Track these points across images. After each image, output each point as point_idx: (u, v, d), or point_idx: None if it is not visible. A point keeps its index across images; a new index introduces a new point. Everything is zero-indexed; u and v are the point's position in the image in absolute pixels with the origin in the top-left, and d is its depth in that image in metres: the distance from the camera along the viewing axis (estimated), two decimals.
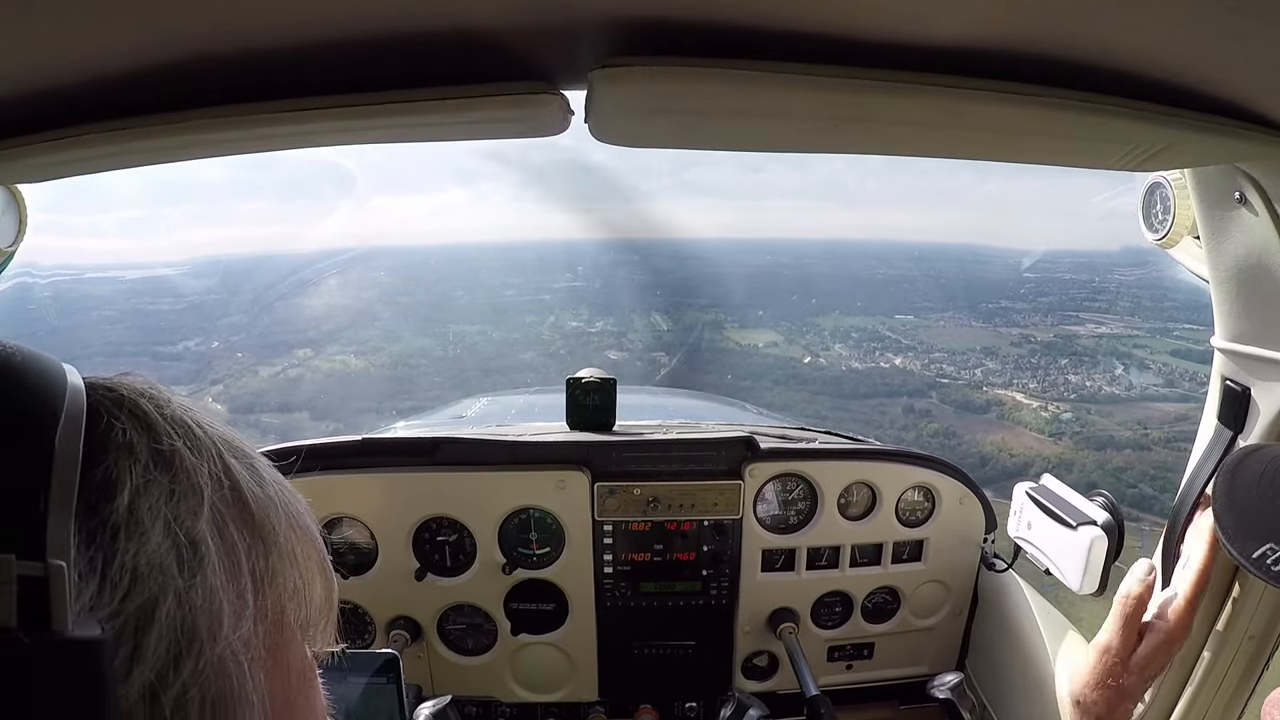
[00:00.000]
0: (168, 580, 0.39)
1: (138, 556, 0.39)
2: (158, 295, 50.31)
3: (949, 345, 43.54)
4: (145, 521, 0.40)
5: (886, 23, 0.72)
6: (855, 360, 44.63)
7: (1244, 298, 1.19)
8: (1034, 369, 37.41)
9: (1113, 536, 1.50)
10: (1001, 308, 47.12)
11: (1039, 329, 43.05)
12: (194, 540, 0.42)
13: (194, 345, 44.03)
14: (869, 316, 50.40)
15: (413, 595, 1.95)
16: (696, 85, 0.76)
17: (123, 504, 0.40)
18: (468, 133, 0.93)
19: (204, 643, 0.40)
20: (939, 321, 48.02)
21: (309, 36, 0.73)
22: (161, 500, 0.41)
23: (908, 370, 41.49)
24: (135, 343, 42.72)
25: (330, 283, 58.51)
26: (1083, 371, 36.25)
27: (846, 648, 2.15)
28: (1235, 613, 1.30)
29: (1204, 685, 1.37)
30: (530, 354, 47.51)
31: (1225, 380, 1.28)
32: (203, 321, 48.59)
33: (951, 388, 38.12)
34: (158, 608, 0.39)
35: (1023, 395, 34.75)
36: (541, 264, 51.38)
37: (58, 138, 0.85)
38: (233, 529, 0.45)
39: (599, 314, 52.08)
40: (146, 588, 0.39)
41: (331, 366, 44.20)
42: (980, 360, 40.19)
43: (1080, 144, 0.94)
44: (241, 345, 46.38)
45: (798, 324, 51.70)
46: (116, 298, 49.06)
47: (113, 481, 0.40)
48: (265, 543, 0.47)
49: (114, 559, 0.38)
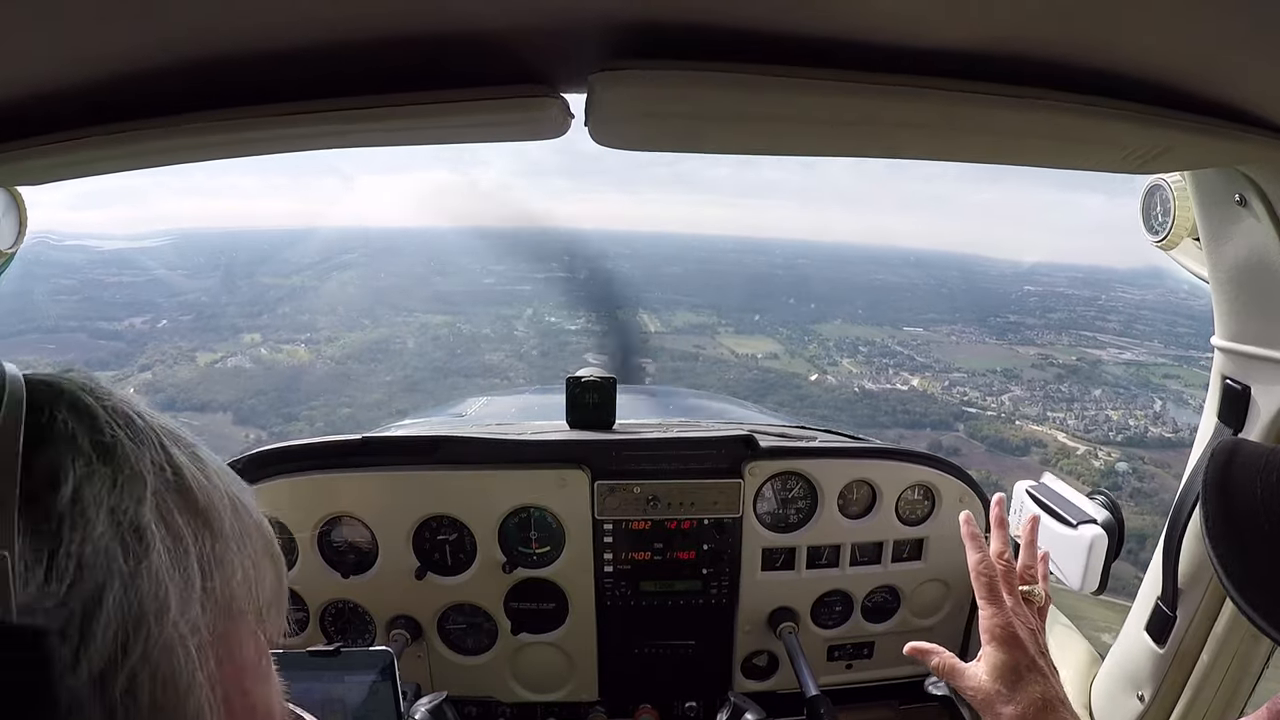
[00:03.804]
0: (113, 568, 0.40)
1: (83, 546, 0.39)
2: (124, 267, 47.99)
3: (966, 364, 40.13)
4: (89, 511, 0.40)
5: (888, 26, 0.72)
6: (868, 379, 40.68)
7: (1244, 298, 1.19)
8: (1068, 401, 34.22)
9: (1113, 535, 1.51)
10: (1011, 322, 44.40)
11: (1057, 349, 40.29)
12: (138, 528, 0.42)
13: (140, 323, 41.47)
14: (875, 327, 46.98)
15: (413, 594, 1.95)
16: (696, 89, 0.76)
17: (66, 494, 0.40)
18: (467, 136, 0.93)
19: (150, 627, 0.41)
20: (949, 335, 44.86)
21: (308, 40, 0.73)
22: (105, 490, 0.42)
23: (929, 395, 37.69)
24: (80, 317, 40.24)
25: (301, 263, 55.21)
26: (1121, 406, 33.02)
27: (846, 647, 2.15)
28: (1235, 613, 1.31)
29: (1204, 685, 1.37)
30: (499, 354, 43.97)
31: (1225, 379, 1.28)
32: (160, 298, 46.43)
33: (980, 419, 34.44)
34: (104, 596, 0.39)
35: (1065, 436, 31.41)
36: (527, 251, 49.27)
37: (58, 140, 0.85)
38: (177, 516, 0.45)
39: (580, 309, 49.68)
40: (92, 576, 0.39)
41: (276, 358, 40.96)
42: (1004, 384, 37.00)
43: (1081, 147, 0.94)
44: (189, 327, 43.72)
45: (798, 332, 48.10)
46: (85, 267, 46.56)
47: (55, 472, 0.41)
48: (211, 529, 0.47)
49: (59, 549, 0.39)
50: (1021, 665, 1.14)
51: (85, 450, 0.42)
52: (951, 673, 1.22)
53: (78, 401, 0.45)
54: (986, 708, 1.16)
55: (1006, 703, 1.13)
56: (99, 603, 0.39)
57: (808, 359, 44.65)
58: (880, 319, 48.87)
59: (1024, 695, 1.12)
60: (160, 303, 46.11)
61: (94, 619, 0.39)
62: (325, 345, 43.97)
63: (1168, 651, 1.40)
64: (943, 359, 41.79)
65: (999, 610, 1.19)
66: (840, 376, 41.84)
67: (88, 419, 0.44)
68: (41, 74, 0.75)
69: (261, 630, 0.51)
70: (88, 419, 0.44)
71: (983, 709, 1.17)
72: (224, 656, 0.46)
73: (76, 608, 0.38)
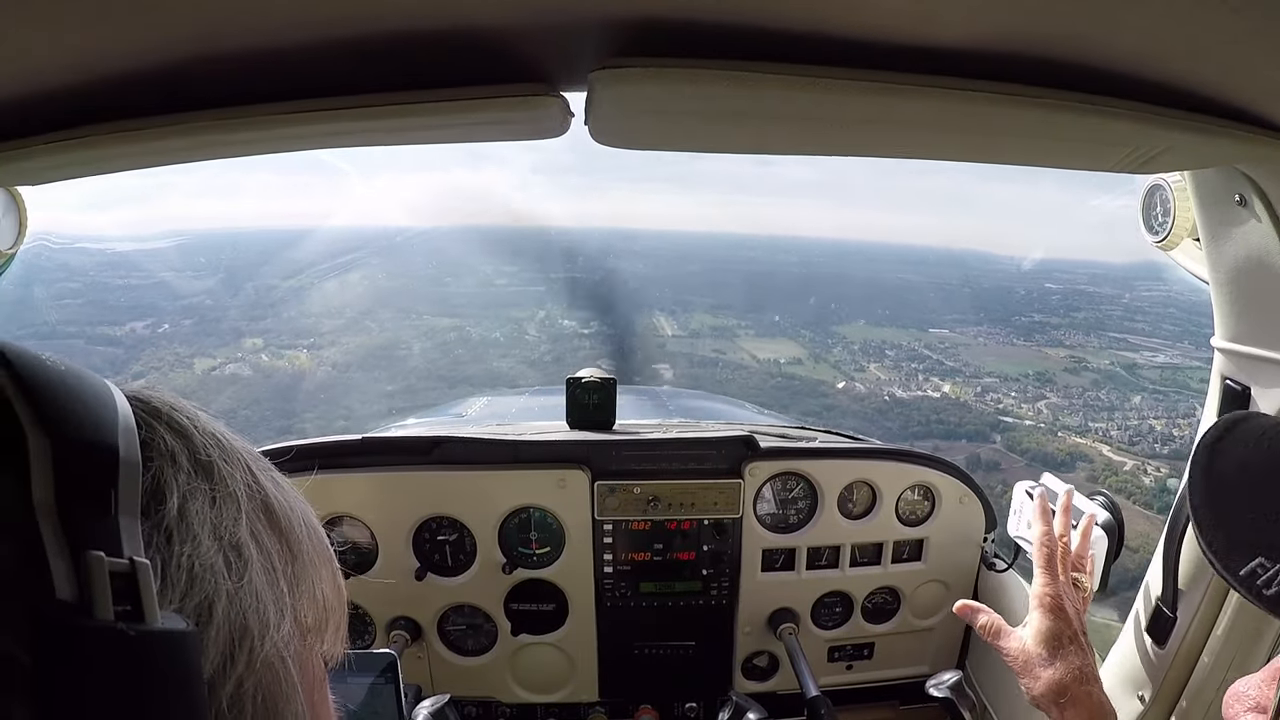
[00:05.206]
0: (219, 582, 0.41)
1: (192, 559, 0.40)
2: (131, 270, 47.06)
3: (996, 368, 38.05)
4: (194, 526, 0.42)
5: (888, 24, 0.72)
6: (897, 386, 38.43)
7: (1244, 298, 1.19)
8: (1108, 410, 32.13)
9: (1113, 536, 1.51)
10: (1036, 322, 42.46)
11: (1088, 351, 38.40)
12: (237, 545, 0.43)
13: (141, 328, 40.55)
14: (900, 329, 44.80)
15: (413, 595, 1.95)
16: (697, 87, 0.76)
17: (173, 508, 0.41)
18: (467, 135, 0.93)
19: (255, 640, 0.42)
20: (976, 337, 42.76)
21: (308, 38, 0.73)
22: (206, 506, 0.43)
23: (962, 403, 35.38)
24: (80, 321, 39.26)
25: (308, 264, 53.99)
26: (1163, 415, 31.04)
27: (847, 648, 2.15)
28: (1235, 613, 1.31)
29: (1204, 685, 1.37)
30: (508, 361, 42.26)
31: (1225, 380, 1.28)
32: (164, 301, 45.55)
33: (1019, 430, 32.25)
34: (214, 606, 0.40)
35: (1109, 449, 29.44)
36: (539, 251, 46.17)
37: (58, 140, 0.85)
38: (265, 537, 0.46)
39: (595, 312, 45.69)
40: (202, 589, 0.40)
41: (276, 364, 39.90)
42: (1039, 390, 35.00)
43: (1081, 146, 0.94)
44: (190, 331, 42.64)
45: (821, 334, 45.86)
46: (91, 269, 45.77)
47: (161, 487, 0.41)
48: (292, 550, 0.49)
49: (170, 560, 0.40)
50: (1064, 635, 1.21)
51: (185, 467, 0.43)
52: (997, 633, 1.30)
53: (174, 420, 0.45)
54: (1026, 670, 1.22)
55: (1046, 666, 1.20)
56: (210, 613, 0.40)
57: (832, 364, 42.57)
58: (904, 320, 46.93)
59: (1063, 663, 1.19)
60: (164, 306, 45.33)
61: (206, 628, 0.40)
62: (327, 350, 43.13)
63: (1168, 651, 1.40)
64: (972, 362, 39.90)
65: (1052, 581, 1.27)
66: (868, 383, 39.89)
67: (184, 437, 0.45)
68: (41, 74, 0.75)
69: (322, 651, 0.53)
70: (184, 437, 0.45)
71: (1022, 671, 1.23)
72: (302, 671, 0.47)
73: (191, 618, 0.39)
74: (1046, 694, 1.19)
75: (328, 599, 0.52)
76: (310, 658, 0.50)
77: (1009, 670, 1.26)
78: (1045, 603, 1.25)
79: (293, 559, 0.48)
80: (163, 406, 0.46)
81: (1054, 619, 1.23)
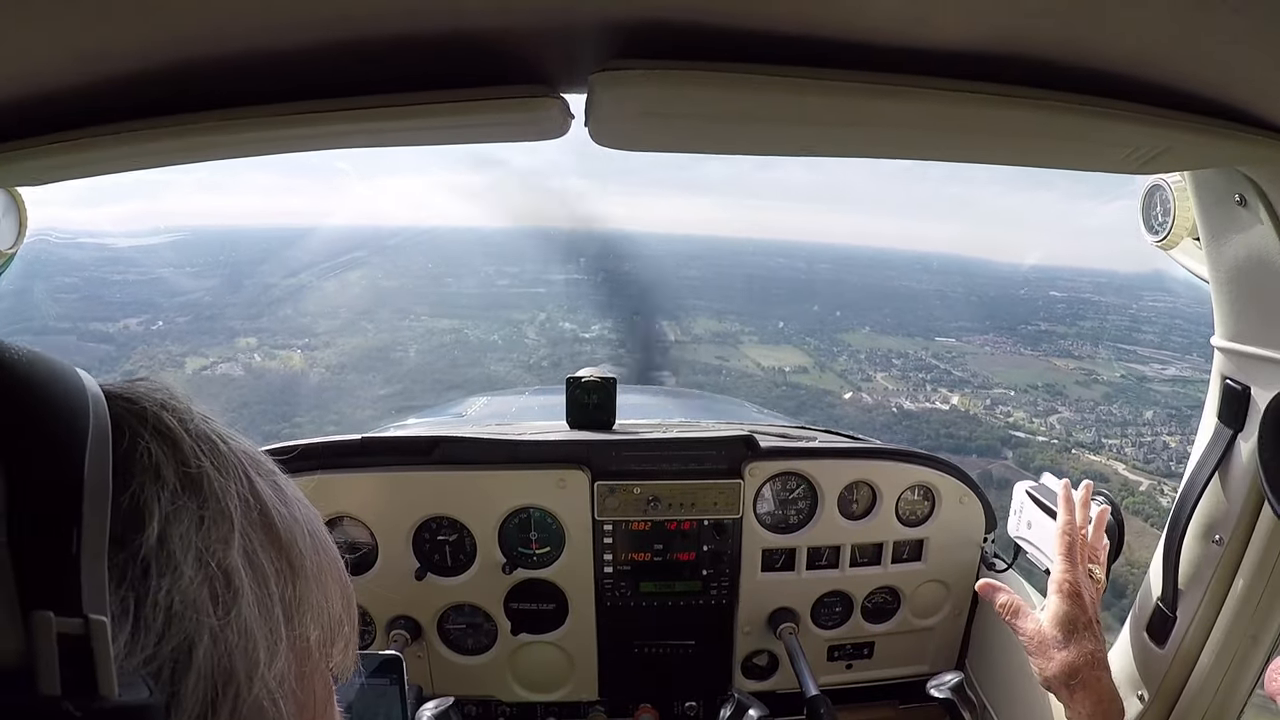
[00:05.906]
0: (202, 619, 0.37)
1: (171, 594, 0.36)
2: (128, 266, 45.44)
3: (1004, 379, 36.87)
4: (176, 554, 0.37)
5: (888, 26, 0.72)
6: (905, 397, 36.99)
7: (1244, 298, 1.19)
8: (1121, 425, 31.21)
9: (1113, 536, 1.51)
10: (1043, 331, 41.12)
11: (1098, 363, 37.08)
12: (227, 572, 0.39)
13: (135, 324, 38.86)
14: (906, 337, 43.38)
15: (413, 595, 1.95)
16: (697, 89, 0.76)
17: (152, 535, 0.36)
18: (467, 136, 0.93)
19: (241, 685, 0.38)
20: (983, 346, 41.36)
21: (308, 40, 0.73)
22: (192, 529, 0.38)
23: (972, 416, 34.29)
24: (74, 317, 37.78)
25: (307, 262, 52.53)
26: (1176, 431, 29.85)
27: (846, 647, 2.15)
28: (1235, 613, 1.31)
29: (1204, 685, 1.37)
30: (505, 365, 40.67)
31: (1225, 379, 1.28)
32: (161, 297, 43.91)
33: (1030, 446, 31.17)
34: (194, 650, 0.36)
35: (1124, 467, 28.32)
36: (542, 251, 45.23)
37: (58, 140, 0.85)
38: (262, 555, 0.42)
39: (595, 315, 43.39)
40: (181, 628, 0.36)
41: (268, 365, 38.32)
42: (1050, 403, 33.98)
43: (1081, 147, 0.94)
44: (184, 329, 41.32)
45: (825, 342, 44.26)
46: (89, 265, 43.89)
47: (140, 510, 0.37)
48: (293, 567, 0.44)
49: (146, 597, 0.35)
50: (1080, 621, 1.26)
51: (170, 483, 0.39)
52: (1015, 612, 1.34)
53: (161, 424, 0.41)
54: (1041, 651, 1.27)
55: (1060, 649, 1.25)
56: (189, 658, 0.36)
57: (838, 373, 40.86)
58: (910, 328, 45.45)
59: (1077, 647, 1.24)
60: (161, 302, 44.16)
61: (184, 676, 0.35)
62: (322, 351, 41.76)
63: (1168, 651, 1.40)
64: (979, 372, 38.56)
65: (1071, 567, 1.31)
66: (875, 394, 38.41)
67: (172, 446, 0.40)
68: (41, 74, 0.75)
69: (330, 667, 0.49)
70: (172, 446, 0.40)
71: (1036, 651, 1.28)
72: (303, 701, 0.44)
73: (166, 665, 0.35)
74: (1059, 675, 1.24)
75: (335, 613, 0.48)
76: (314, 677, 0.46)
77: (1009, 670, 1.27)
78: (1064, 588, 1.29)
79: (294, 576, 0.44)
80: (151, 406, 0.41)
81: (1071, 604, 1.27)
